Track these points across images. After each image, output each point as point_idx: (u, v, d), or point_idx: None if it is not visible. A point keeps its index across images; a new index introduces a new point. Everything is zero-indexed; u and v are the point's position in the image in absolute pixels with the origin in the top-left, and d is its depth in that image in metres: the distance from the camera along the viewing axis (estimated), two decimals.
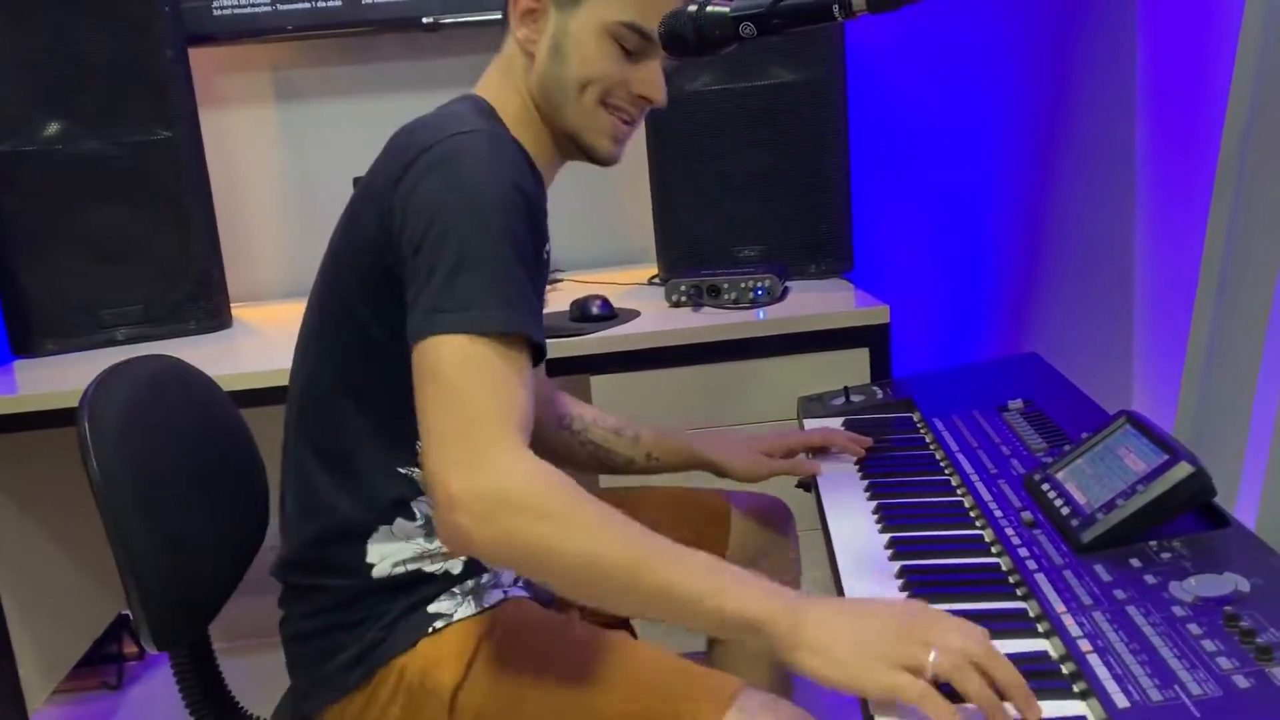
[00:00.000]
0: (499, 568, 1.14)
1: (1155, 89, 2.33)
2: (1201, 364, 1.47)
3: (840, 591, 1.01)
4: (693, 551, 0.89)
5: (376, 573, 1.09)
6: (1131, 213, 2.44)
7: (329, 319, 1.11)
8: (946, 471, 1.25)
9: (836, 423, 1.46)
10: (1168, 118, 2.28)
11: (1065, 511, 1.02)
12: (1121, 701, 0.74)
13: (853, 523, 1.15)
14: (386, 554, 1.10)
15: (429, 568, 1.11)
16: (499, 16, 1.16)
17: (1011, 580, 0.97)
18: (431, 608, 1.09)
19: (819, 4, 1.00)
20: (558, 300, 2.03)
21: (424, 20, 2.19)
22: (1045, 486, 1.08)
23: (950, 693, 0.78)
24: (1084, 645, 0.82)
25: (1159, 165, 2.34)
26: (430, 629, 1.08)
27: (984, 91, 2.40)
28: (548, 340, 1.03)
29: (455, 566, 1.12)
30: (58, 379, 1.81)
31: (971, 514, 1.12)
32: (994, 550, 1.04)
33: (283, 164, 2.35)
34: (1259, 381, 1.45)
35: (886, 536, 1.10)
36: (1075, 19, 2.37)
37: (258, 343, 1.99)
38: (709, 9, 1.06)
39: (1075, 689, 0.80)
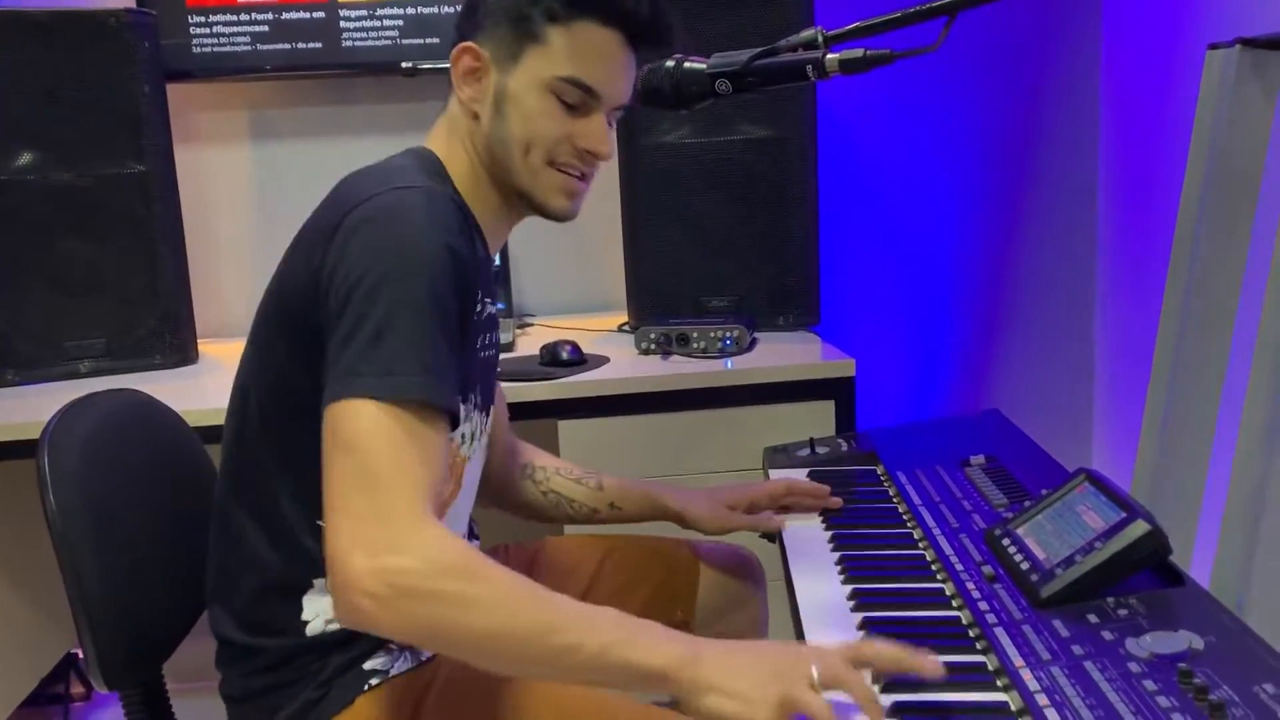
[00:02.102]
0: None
1: (1118, 151, 2.39)
2: (1159, 424, 1.50)
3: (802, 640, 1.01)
4: (595, 608, 0.90)
5: (310, 630, 1.07)
6: (1093, 274, 2.50)
7: (258, 369, 1.09)
8: (909, 524, 1.26)
9: (802, 474, 1.47)
10: (1128, 177, 2.35)
11: (1025, 566, 1.03)
12: None
13: (816, 574, 1.16)
14: (320, 609, 1.08)
15: None
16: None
17: (971, 634, 0.98)
18: (368, 664, 1.07)
19: (793, 65, 1.03)
20: (527, 344, 2.04)
21: (403, 65, 2.21)
22: (1006, 541, 1.10)
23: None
24: (1041, 699, 0.83)
25: (1119, 224, 2.40)
26: (366, 686, 1.06)
27: (950, 149, 2.45)
28: (519, 383, 1.03)
29: None
30: (14, 410, 1.79)
31: (933, 567, 1.13)
32: (955, 604, 1.05)
33: (256, 202, 2.35)
34: (1214, 442, 1.48)
35: (849, 588, 1.10)
36: (1041, 84, 2.44)
37: (224, 379, 1.94)
38: (686, 65, 1.09)
39: None
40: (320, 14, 2.20)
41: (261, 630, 1.09)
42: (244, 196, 2.35)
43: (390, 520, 0.88)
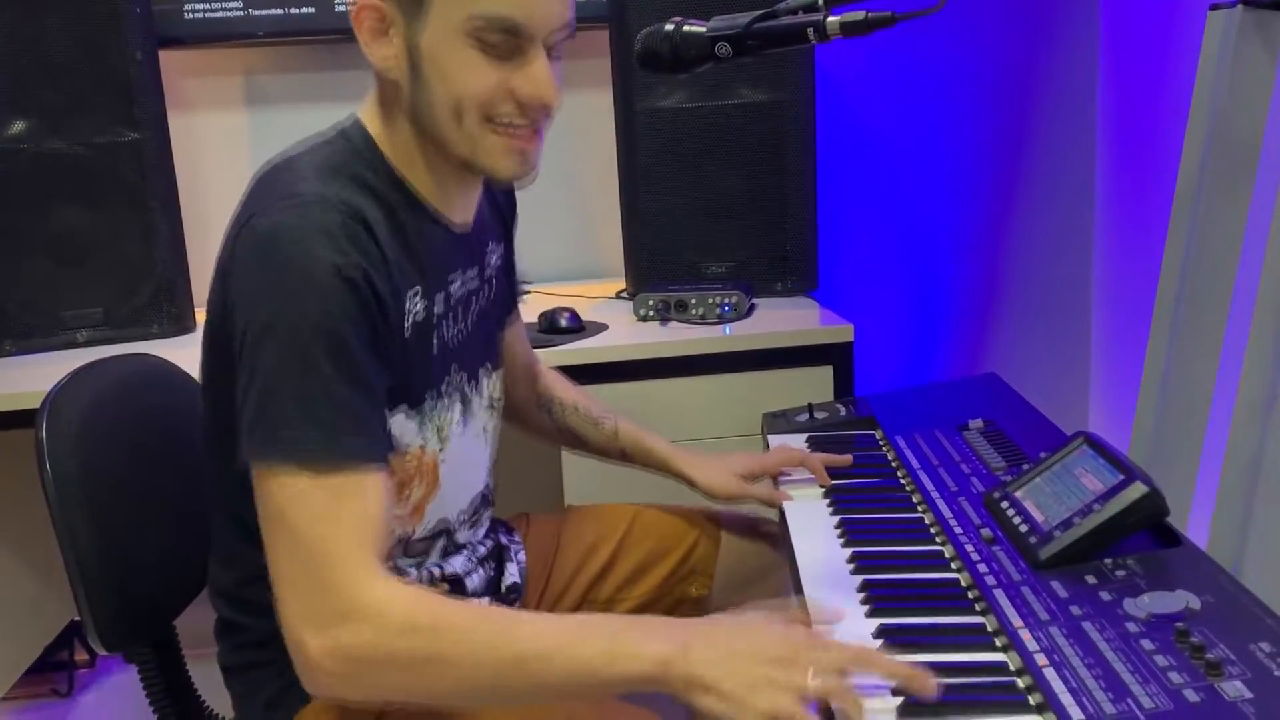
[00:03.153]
0: None
1: (1116, 114, 2.38)
2: (1157, 387, 1.50)
3: (802, 604, 1.02)
4: (573, 621, 0.88)
5: None
6: (1090, 236, 2.50)
7: (204, 382, 1.05)
8: (908, 488, 1.27)
9: (800, 439, 1.48)
10: (1127, 142, 2.34)
11: (1024, 529, 1.04)
12: (1076, 714, 0.76)
13: (816, 537, 1.17)
14: None
15: None
16: None
17: (970, 595, 0.99)
18: None
19: (794, 27, 1.02)
20: (525, 312, 2.02)
21: None
22: (1004, 504, 1.10)
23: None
24: (1040, 659, 0.84)
25: (1118, 189, 2.39)
26: None
27: (948, 115, 2.44)
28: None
29: None
30: (13, 380, 1.78)
31: (932, 530, 1.14)
32: (954, 566, 1.05)
33: (251, 169, 2.31)
34: (1212, 405, 1.48)
35: (849, 551, 1.11)
36: (1039, 46, 2.42)
37: None
38: (686, 28, 1.07)
39: (1031, 701, 0.81)
40: None
41: (246, 608, 1.08)
42: (238, 163, 2.33)
43: (333, 589, 0.85)
